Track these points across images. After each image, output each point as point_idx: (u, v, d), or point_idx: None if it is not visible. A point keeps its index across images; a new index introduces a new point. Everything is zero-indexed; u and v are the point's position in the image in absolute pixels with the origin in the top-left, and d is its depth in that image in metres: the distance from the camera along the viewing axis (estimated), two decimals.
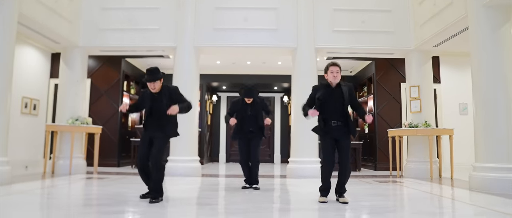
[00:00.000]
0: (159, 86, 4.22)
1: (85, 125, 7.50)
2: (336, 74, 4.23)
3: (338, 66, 4.27)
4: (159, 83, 4.22)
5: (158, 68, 4.23)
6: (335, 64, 4.27)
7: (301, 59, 7.60)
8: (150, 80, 4.16)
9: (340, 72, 4.26)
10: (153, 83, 4.18)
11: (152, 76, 4.16)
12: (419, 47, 7.54)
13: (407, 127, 7.47)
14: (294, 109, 7.67)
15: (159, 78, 4.18)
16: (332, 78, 4.24)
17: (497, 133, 5.14)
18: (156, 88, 4.20)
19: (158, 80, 4.19)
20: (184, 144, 7.46)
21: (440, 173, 7.39)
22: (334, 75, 4.23)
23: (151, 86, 4.20)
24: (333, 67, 4.25)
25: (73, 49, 7.73)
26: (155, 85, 4.18)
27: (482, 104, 5.34)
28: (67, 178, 6.70)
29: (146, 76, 4.18)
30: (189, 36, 7.59)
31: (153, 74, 4.17)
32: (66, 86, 7.70)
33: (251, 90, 5.49)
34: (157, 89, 4.22)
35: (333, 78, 4.23)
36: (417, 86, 7.62)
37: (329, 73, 4.26)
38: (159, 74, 4.20)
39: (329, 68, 4.27)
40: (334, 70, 4.24)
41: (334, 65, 4.27)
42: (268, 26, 7.66)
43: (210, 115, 12.73)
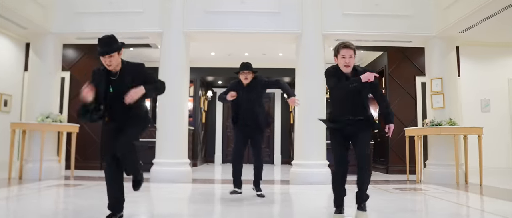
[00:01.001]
0: (117, 61, 3.10)
1: (57, 123, 6.50)
2: (348, 60, 3.21)
3: (352, 48, 3.24)
4: (117, 57, 3.09)
5: (114, 36, 3.14)
6: (347, 46, 3.24)
7: (306, 47, 6.60)
8: (103, 53, 3.04)
9: (354, 57, 3.25)
10: (108, 57, 3.05)
11: (106, 47, 3.04)
12: (442, 33, 6.55)
13: (428, 125, 6.49)
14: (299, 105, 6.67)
15: (115, 50, 3.07)
16: (344, 65, 3.22)
17: None
18: (113, 64, 3.08)
19: (115, 52, 3.07)
20: (172, 144, 6.48)
21: (467, 179, 6.42)
22: (347, 61, 3.21)
23: (105, 61, 3.07)
24: (345, 50, 3.23)
25: (44, 36, 6.72)
26: (111, 60, 3.05)
27: None
28: (34, 184, 5.72)
29: (98, 48, 3.08)
30: (177, 20, 6.59)
31: (107, 45, 3.06)
32: (37, 79, 6.69)
33: (248, 64, 4.64)
34: (114, 66, 3.10)
35: (344, 65, 3.22)
36: (440, 78, 6.64)
37: (339, 58, 3.25)
38: (115, 45, 3.10)
39: (340, 51, 3.24)
40: (346, 54, 3.22)
41: (347, 47, 3.23)
42: (268, 9, 6.66)
43: (204, 112, 11.73)
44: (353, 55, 3.24)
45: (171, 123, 6.47)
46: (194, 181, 6.65)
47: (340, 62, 3.24)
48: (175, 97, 6.49)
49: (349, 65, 3.22)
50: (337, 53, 3.26)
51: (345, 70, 3.24)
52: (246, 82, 4.65)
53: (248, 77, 4.64)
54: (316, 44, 6.59)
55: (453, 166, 6.39)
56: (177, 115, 6.51)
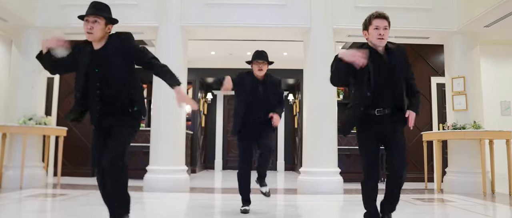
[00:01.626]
0: (101, 33, 2.56)
1: (42, 126, 5.90)
2: (383, 32, 2.67)
3: (387, 19, 2.70)
4: (102, 28, 2.56)
5: (109, 6, 2.63)
6: (382, 16, 2.69)
7: (315, 43, 6.02)
8: (89, 12, 2.53)
9: (388, 30, 2.70)
10: (92, 20, 2.52)
11: (94, 9, 2.55)
12: (464, 27, 5.97)
13: (450, 129, 5.89)
14: (308, 105, 6.09)
15: (105, 17, 2.57)
16: (377, 39, 2.66)
17: None
18: (94, 32, 2.53)
19: (102, 18, 2.55)
20: (168, 150, 5.87)
21: (493, 188, 5.80)
22: (381, 33, 2.66)
23: (86, 27, 2.53)
24: (379, 21, 2.68)
25: (27, 30, 6.13)
26: (94, 26, 2.52)
27: None
28: (14, 194, 5.11)
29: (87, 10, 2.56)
30: (174, 13, 6.00)
31: (96, 6, 2.57)
32: (20, 78, 6.10)
33: (263, 52, 3.91)
34: (97, 37, 2.55)
35: (378, 37, 2.66)
36: (462, 77, 6.04)
37: (371, 29, 2.69)
38: (107, 11, 2.59)
39: (372, 21, 2.69)
40: (380, 25, 2.67)
41: (380, 17, 2.69)
42: (274, 1, 6.08)
43: (204, 115, 11.12)
44: (388, 27, 2.69)
45: (167, 126, 5.87)
46: (192, 190, 6.04)
47: (373, 34, 2.67)
48: (171, 99, 5.86)
49: (384, 38, 2.65)
50: (369, 24, 2.70)
51: (379, 43, 2.67)
52: (261, 74, 3.85)
53: (263, 68, 3.85)
54: (327, 40, 6.01)
55: (477, 174, 5.78)
56: (174, 117, 5.91)
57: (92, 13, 2.53)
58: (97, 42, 2.61)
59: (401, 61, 2.70)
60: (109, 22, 2.63)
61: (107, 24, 2.61)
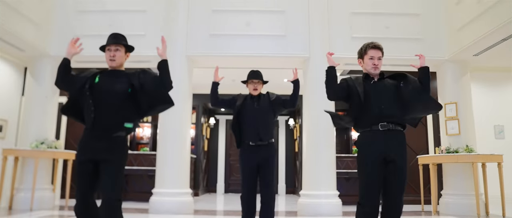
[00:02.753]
0: (121, 60, 2.88)
1: (53, 150, 6.16)
2: (377, 62, 2.91)
3: (381, 50, 2.95)
4: (123, 55, 2.88)
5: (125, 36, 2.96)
6: (376, 47, 2.94)
7: (314, 72, 6.35)
8: (111, 42, 2.85)
9: (382, 60, 2.95)
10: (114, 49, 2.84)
11: (115, 39, 2.87)
12: (455, 56, 6.31)
13: (444, 152, 6.14)
14: (307, 129, 6.36)
15: (125, 45, 2.90)
16: (371, 67, 2.91)
17: None
18: (116, 59, 2.84)
19: (122, 46, 2.87)
20: (173, 173, 6.10)
21: (487, 209, 6.00)
22: (375, 64, 2.91)
23: (109, 55, 2.85)
24: (374, 51, 2.92)
25: (42, 58, 6.50)
26: (115, 54, 2.84)
27: None
28: (25, 215, 5.33)
29: (108, 40, 2.88)
30: (180, 43, 6.37)
31: (116, 37, 2.89)
32: (33, 103, 6.43)
33: (258, 72, 4.05)
34: (116, 64, 2.85)
35: (372, 67, 2.91)
36: (454, 103, 6.34)
37: (366, 59, 2.94)
38: (125, 40, 2.91)
39: (368, 51, 2.94)
40: (375, 55, 2.91)
41: (375, 47, 2.93)
42: (274, 32, 6.46)
43: (207, 139, 11.38)
44: (382, 57, 2.94)
45: (172, 150, 6.13)
46: (195, 212, 6.24)
47: (368, 64, 2.92)
48: (177, 124, 6.18)
49: (378, 67, 2.91)
50: (364, 54, 2.95)
51: (373, 71, 2.91)
52: (255, 93, 3.98)
53: (257, 87, 3.98)
54: (325, 68, 6.30)
55: (471, 196, 6.00)
56: (179, 142, 6.18)
57: (114, 42, 2.86)
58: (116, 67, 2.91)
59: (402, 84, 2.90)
60: (128, 50, 2.96)
61: (126, 52, 2.94)
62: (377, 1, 6.60)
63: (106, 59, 2.88)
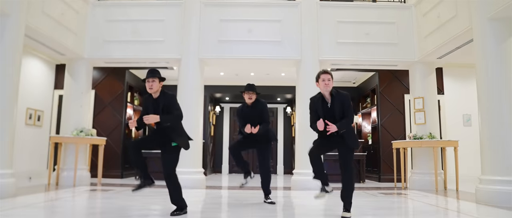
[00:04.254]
0: (157, 88, 4.12)
1: (89, 137, 7.50)
2: (327, 82, 4.06)
3: (329, 74, 4.11)
4: (158, 84, 4.11)
5: (159, 71, 4.20)
6: (326, 72, 4.11)
7: (305, 71, 7.61)
8: (149, 76, 4.08)
9: (332, 80, 4.10)
10: (151, 80, 4.06)
11: (151, 73, 4.10)
12: (423, 59, 7.56)
13: (411, 139, 7.45)
14: (299, 119, 7.66)
15: (158, 77, 4.12)
16: (324, 87, 4.05)
17: (503, 145, 5.11)
18: (154, 88, 4.09)
19: (157, 79, 4.10)
20: (189, 155, 7.40)
21: (445, 185, 7.36)
22: (326, 83, 4.05)
23: (148, 85, 4.10)
24: (325, 75, 4.07)
25: (78, 60, 7.77)
26: (153, 85, 4.08)
27: (487, 116, 5.32)
28: (71, 190, 6.68)
29: (146, 74, 4.15)
30: (193, 48, 7.63)
31: (152, 72, 4.12)
32: (71, 97, 7.72)
33: (253, 85, 5.23)
34: (154, 90, 4.11)
35: (324, 86, 4.04)
36: (421, 98, 7.62)
37: (320, 81, 4.07)
38: (159, 74, 4.16)
39: (320, 76, 4.10)
40: (325, 78, 4.06)
41: (325, 73, 4.11)
42: (272, 38, 7.70)
43: (213, 126, 12.72)
44: (331, 78, 4.09)
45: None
46: (207, 187, 7.60)
47: (321, 85, 4.09)
48: (192, 113, 7.48)
49: (328, 86, 4.07)
50: (318, 78, 4.13)
51: (326, 90, 4.07)
52: (250, 102, 5.15)
53: (252, 97, 5.13)
54: (314, 68, 7.59)
55: (433, 174, 7.32)
56: (193, 129, 7.48)
57: (151, 77, 4.13)
58: (154, 94, 4.21)
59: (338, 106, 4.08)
60: (161, 81, 4.21)
61: (160, 81, 4.20)
62: (359, 11, 7.82)
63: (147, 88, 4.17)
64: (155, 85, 4.11)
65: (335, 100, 4.10)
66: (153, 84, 4.10)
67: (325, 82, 4.08)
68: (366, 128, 11.03)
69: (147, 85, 4.12)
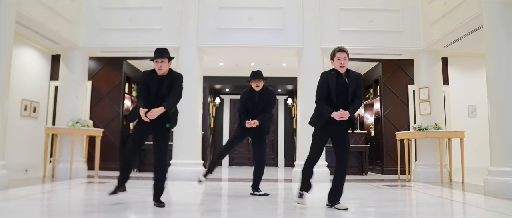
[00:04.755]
0: (167, 67, 3.91)
1: (85, 128, 7.31)
2: (343, 62, 3.81)
3: (345, 52, 3.88)
4: (167, 64, 3.91)
5: (167, 49, 3.98)
6: (342, 50, 3.88)
7: (307, 60, 7.40)
8: (158, 56, 3.86)
9: (348, 59, 3.86)
10: (160, 61, 3.85)
11: (161, 53, 3.87)
12: (428, 47, 7.34)
13: (416, 130, 7.26)
14: (301, 110, 7.46)
15: (167, 57, 3.91)
16: (339, 66, 3.82)
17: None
18: (163, 69, 3.88)
19: (166, 59, 3.89)
20: (188, 147, 7.27)
21: (451, 177, 7.18)
22: (342, 63, 3.81)
23: (157, 65, 3.89)
24: (340, 53, 3.82)
25: (73, 50, 7.55)
26: (162, 65, 3.87)
27: (497, 106, 5.13)
28: (67, 182, 6.51)
29: (154, 54, 3.91)
30: (192, 36, 7.41)
31: (160, 52, 3.90)
32: (67, 88, 7.52)
33: (259, 72, 5.02)
34: (164, 71, 3.89)
35: (340, 66, 3.81)
36: (427, 88, 7.41)
37: (335, 60, 3.84)
38: (168, 53, 3.94)
39: (336, 54, 3.84)
40: (341, 57, 3.81)
41: (341, 50, 3.87)
42: (273, 26, 7.48)
43: (213, 117, 12.53)
44: (347, 57, 3.86)
45: (186, 127, 7.26)
46: (207, 179, 7.40)
47: (336, 63, 3.86)
48: (191, 104, 7.29)
49: (344, 66, 3.85)
50: (333, 56, 3.89)
51: (340, 70, 3.85)
52: (258, 89, 4.95)
53: (259, 84, 4.94)
54: (316, 58, 7.38)
55: (438, 166, 7.14)
56: (192, 120, 7.31)
57: (160, 56, 3.90)
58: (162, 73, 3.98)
59: (353, 85, 3.88)
60: (169, 60, 4.00)
61: (169, 61, 3.98)
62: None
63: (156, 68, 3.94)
64: (164, 65, 3.91)
65: (350, 78, 3.90)
66: (163, 65, 3.89)
67: (340, 62, 3.86)
68: (369, 119, 10.84)
69: (156, 66, 3.92)
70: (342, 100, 3.87)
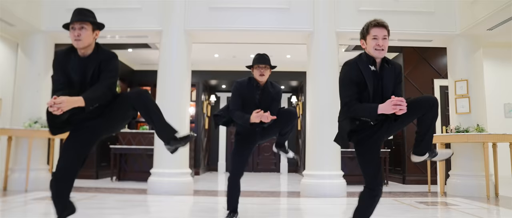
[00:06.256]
0: (89, 40, 2.52)
1: (47, 129, 5.93)
2: (382, 42, 2.47)
3: (386, 28, 2.51)
4: (90, 35, 2.52)
5: (93, 12, 2.59)
6: (380, 24, 2.50)
7: (318, 47, 6.04)
8: (74, 20, 2.48)
9: (387, 39, 2.52)
10: (78, 26, 2.47)
11: (79, 14, 2.50)
12: (467, 31, 5.98)
13: (453, 132, 5.90)
14: (310, 108, 6.10)
15: (91, 21, 2.53)
16: (375, 49, 2.48)
17: None
18: (83, 40, 2.48)
19: (89, 24, 2.51)
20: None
21: (497, 191, 5.81)
22: (380, 44, 2.47)
23: (73, 35, 2.49)
24: (378, 30, 2.48)
25: (33, 34, 6.20)
26: (81, 33, 2.47)
27: None
28: (19, 196, 5.17)
29: (71, 16, 2.52)
30: (178, 17, 6.04)
31: (81, 13, 2.52)
32: (25, 81, 6.17)
33: (266, 57, 3.54)
34: (84, 44, 2.51)
35: (376, 48, 2.47)
36: (465, 81, 6.05)
37: (369, 39, 2.50)
38: (93, 16, 2.56)
39: (370, 30, 2.50)
40: (379, 35, 2.48)
41: (379, 25, 2.49)
42: (277, 4, 6.11)
43: (208, 117, 11.16)
44: (387, 37, 2.52)
45: None
46: (195, 192, 6.07)
47: (371, 45, 2.49)
48: (175, 101, 5.93)
49: (383, 49, 2.50)
50: (367, 33, 2.52)
51: (377, 54, 2.49)
52: (262, 80, 3.47)
53: (265, 73, 3.46)
54: (330, 43, 6.03)
55: (480, 177, 5.79)
56: (177, 120, 5.92)
57: (78, 20, 2.50)
58: (83, 49, 2.56)
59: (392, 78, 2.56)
60: (96, 28, 2.60)
61: (94, 30, 2.57)
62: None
63: (71, 39, 2.53)
64: (85, 35, 2.49)
65: (389, 70, 2.56)
66: (82, 33, 2.48)
67: (378, 42, 2.48)
68: None
69: (72, 35, 2.50)
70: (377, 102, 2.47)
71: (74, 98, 2.37)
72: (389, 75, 2.55)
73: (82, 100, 2.38)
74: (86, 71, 2.53)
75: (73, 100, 2.36)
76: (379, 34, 2.49)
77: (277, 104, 3.53)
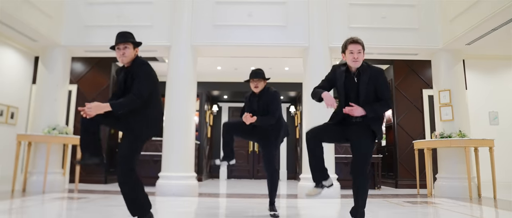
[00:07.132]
0: (132, 56, 3.10)
1: (63, 135, 6.47)
2: (357, 56, 3.13)
3: (360, 43, 3.17)
4: (131, 51, 3.09)
5: (131, 33, 3.18)
6: (355, 41, 3.17)
7: (313, 61, 6.60)
8: (118, 41, 3.07)
9: (363, 53, 3.17)
10: (122, 47, 3.06)
11: (122, 37, 3.09)
12: (448, 45, 6.54)
13: (438, 138, 6.41)
14: (306, 118, 6.63)
15: (132, 41, 3.10)
16: (351, 61, 3.15)
17: None
18: (127, 56, 3.07)
19: (131, 44, 3.09)
20: (179, 158, 6.41)
21: (479, 192, 6.30)
22: (355, 58, 3.14)
23: (119, 54, 3.09)
24: (353, 46, 3.14)
25: (53, 48, 6.76)
26: (125, 51, 3.07)
27: None
28: (37, 198, 5.64)
29: (115, 39, 3.11)
30: (185, 33, 6.62)
31: (123, 35, 3.10)
32: (45, 91, 6.70)
33: (259, 71, 4.17)
34: (128, 60, 3.09)
35: (352, 60, 3.14)
36: (448, 90, 6.60)
37: (347, 53, 3.18)
38: (132, 37, 3.14)
39: (348, 46, 3.17)
40: (354, 50, 3.13)
41: (354, 42, 3.17)
42: (275, 22, 6.69)
43: (210, 126, 11.69)
44: (362, 50, 3.16)
45: (177, 136, 6.43)
46: (200, 195, 6.56)
47: (348, 58, 3.17)
48: (182, 110, 6.47)
49: (358, 60, 3.15)
50: (345, 49, 3.21)
51: (354, 65, 3.16)
52: (257, 91, 4.15)
53: (258, 85, 4.11)
54: (324, 57, 6.59)
55: (464, 179, 6.28)
56: (184, 128, 6.47)
57: (122, 41, 3.10)
58: (127, 63, 3.17)
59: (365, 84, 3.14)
60: (136, 46, 3.19)
61: (134, 47, 3.18)
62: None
63: (118, 57, 3.14)
64: (128, 52, 3.09)
65: (364, 76, 3.15)
66: (126, 51, 3.08)
67: (353, 56, 3.15)
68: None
69: (118, 54, 3.11)
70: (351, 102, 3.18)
71: (102, 105, 2.93)
72: (364, 81, 3.13)
73: (109, 106, 2.94)
74: (127, 80, 3.11)
75: (101, 106, 2.92)
76: (354, 49, 3.15)
77: (274, 105, 4.10)
